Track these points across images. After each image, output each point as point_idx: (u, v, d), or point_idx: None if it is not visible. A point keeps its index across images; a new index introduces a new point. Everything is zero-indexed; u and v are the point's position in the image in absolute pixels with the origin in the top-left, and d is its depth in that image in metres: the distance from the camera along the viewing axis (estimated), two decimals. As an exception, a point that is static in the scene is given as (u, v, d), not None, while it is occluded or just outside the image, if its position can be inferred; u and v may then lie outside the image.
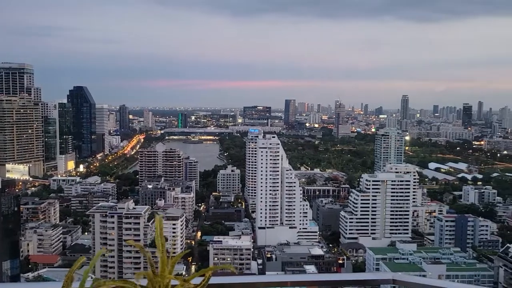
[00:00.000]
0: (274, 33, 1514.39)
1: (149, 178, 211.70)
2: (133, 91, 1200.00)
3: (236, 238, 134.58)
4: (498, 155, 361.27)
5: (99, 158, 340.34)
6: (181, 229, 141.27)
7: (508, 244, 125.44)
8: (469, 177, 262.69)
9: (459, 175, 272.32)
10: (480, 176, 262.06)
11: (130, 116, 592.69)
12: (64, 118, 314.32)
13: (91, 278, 4.03)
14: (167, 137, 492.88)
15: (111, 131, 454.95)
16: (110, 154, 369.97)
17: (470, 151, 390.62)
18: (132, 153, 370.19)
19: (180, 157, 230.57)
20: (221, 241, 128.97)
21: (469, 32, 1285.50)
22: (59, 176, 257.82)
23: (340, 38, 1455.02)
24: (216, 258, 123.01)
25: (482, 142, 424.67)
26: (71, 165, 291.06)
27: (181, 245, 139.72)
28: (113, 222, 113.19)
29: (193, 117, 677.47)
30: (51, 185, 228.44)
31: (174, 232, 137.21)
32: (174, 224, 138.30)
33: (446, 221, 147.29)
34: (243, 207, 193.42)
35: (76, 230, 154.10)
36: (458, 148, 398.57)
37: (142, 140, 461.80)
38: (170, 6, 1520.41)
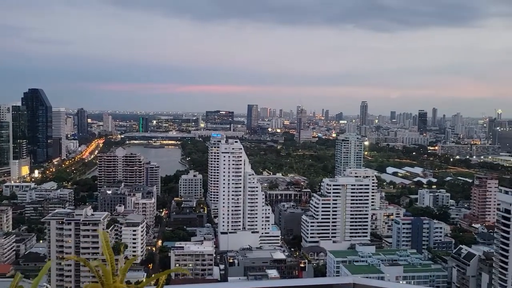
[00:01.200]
0: (236, 38, 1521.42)
1: (108, 184, 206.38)
2: (92, 94, 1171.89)
3: (198, 243, 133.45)
4: (451, 159, 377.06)
5: (55, 163, 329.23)
6: (142, 236, 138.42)
7: (460, 245, 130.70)
8: (424, 181, 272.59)
9: (415, 179, 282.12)
10: (434, 180, 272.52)
11: (89, 120, 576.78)
12: (18, 121, 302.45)
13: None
14: (127, 142, 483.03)
15: (69, 135, 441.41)
16: (68, 159, 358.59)
17: (425, 156, 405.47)
18: (91, 158, 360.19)
19: (141, 162, 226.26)
20: (182, 247, 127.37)
21: (422, 42, 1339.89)
22: (12, 182, 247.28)
23: (302, 45, 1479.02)
24: (177, 264, 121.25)
25: (436, 147, 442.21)
26: (25, 170, 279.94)
27: (141, 251, 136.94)
28: (70, 230, 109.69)
29: (154, 122, 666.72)
30: (4, 191, 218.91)
31: (134, 239, 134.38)
32: (134, 231, 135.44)
33: (403, 223, 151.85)
34: (205, 212, 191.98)
35: (31, 238, 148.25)
36: (414, 153, 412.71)
37: (101, 144, 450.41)
38: (131, 9, 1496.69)
